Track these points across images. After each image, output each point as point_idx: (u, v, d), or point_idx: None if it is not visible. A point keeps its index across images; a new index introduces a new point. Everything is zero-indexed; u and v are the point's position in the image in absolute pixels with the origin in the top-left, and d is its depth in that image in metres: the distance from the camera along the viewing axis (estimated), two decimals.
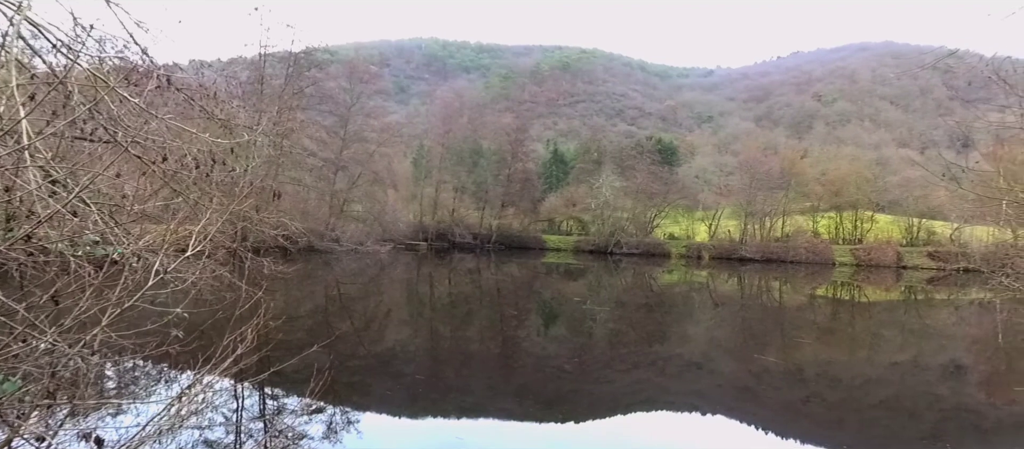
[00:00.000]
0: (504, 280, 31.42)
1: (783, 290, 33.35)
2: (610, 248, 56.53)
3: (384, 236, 40.98)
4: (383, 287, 25.53)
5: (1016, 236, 14.34)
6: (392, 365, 10.98)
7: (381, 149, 43.68)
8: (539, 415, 8.57)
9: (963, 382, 12.56)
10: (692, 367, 12.61)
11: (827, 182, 61.33)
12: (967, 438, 8.97)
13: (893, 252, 53.29)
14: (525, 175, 61.09)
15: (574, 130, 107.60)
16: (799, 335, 18.00)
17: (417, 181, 59.20)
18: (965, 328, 19.92)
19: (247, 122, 7.05)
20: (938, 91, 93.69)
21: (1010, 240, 16.24)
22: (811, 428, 9.15)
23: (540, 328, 16.99)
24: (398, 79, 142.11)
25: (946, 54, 5.30)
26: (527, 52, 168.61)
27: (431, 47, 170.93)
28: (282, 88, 34.23)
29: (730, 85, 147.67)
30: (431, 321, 17.20)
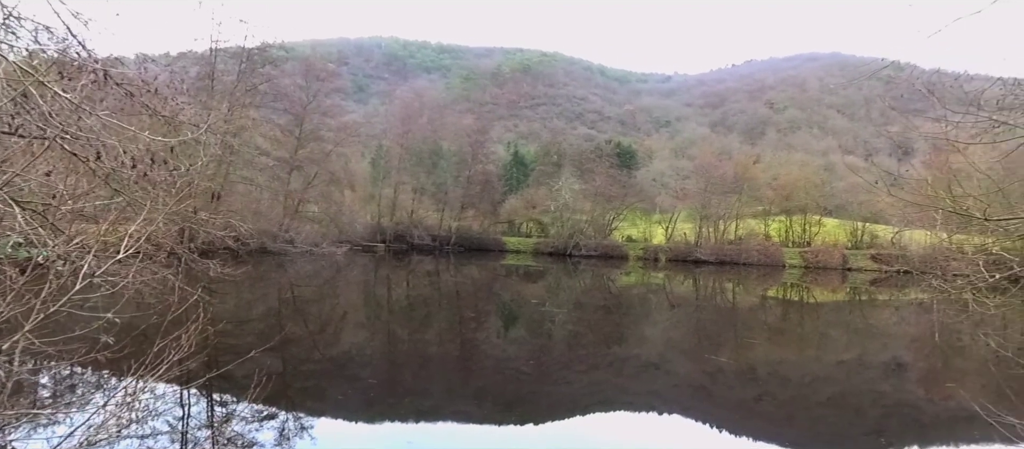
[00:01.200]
0: (463, 282, 31.23)
1: (736, 291, 34.27)
2: (569, 250, 56.97)
3: (340, 237, 40.14)
4: (339, 289, 24.99)
5: (950, 240, 15.08)
6: (348, 369, 10.71)
7: (338, 149, 42.77)
8: (498, 417, 8.50)
9: (903, 379, 13.14)
10: (649, 367, 12.77)
11: (778, 187, 63.44)
12: (907, 433, 9.36)
13: (839, 255, 55.56)
14: (485, 177, 60.95)
15: (534, 132, 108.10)
16: (751, 335, 18.50)
17: (375, 182, 58.26)
18: (905, 327, 20.88)
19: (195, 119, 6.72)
20: (881, 101, 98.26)
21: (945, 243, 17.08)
22: (763, 426, 9.37)
23: (499, 330, 16.93)
24: (357, 78, 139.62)
25: (883, 66, 5.49)
26: (488, 54, 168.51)
27: (391, 46, 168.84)
28: (234, 85, 33.11)
29: (687, 91, 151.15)
30: (388, 324, 16.90)
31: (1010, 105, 4.63)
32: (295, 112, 39.66)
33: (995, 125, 4.56)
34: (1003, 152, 4.90)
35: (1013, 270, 4.74)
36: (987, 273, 4.75)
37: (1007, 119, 4.52)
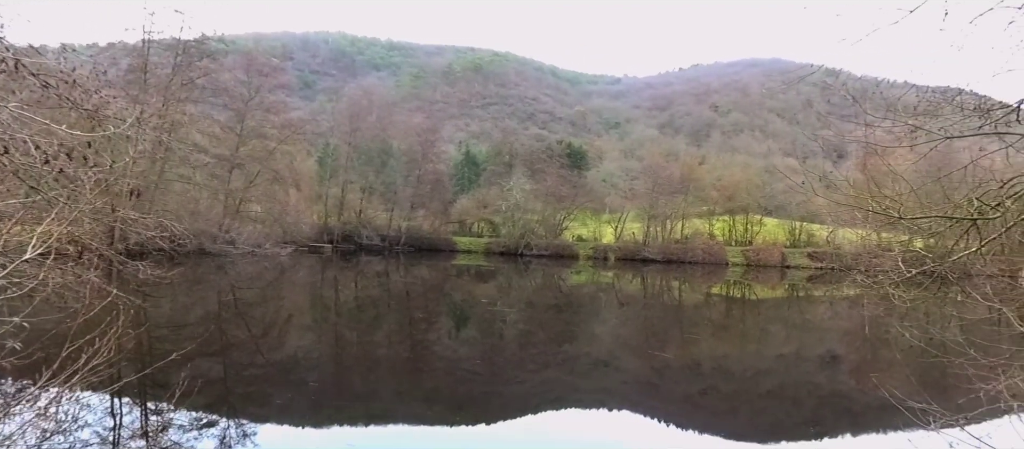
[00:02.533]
0: (414, 283, 30.80)
1: (682, 289, 35.21)
2: (520, 250, 57.15)
3: (285, 238, 38.82)
4: (283, 291, 24.16)
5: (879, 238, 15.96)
6: (293, 373, 10.31)
7: (282, 147, 41.36)
8: (449, 418, 8.36)
9: (837, 371, 13.78)
10: (599, 365, 12.90)
11: (722, 187, 65.66)
12: (840, 421, 9.80)
13: (779, 253, 58.02)
14: (436, 176, 60.35)
15: (486, 132, 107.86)
16: (697, 332, 19.01)
17: (322, 181, 56.73)
18: (838, 322, 21.93)
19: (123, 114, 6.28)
20: (817, 106, 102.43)
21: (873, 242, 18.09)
22: (708, 418, 9.62)
23: (451, 330, 16.74)
24: (302, 74, 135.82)
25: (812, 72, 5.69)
26: (439, 52, 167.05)
27: (338, 42, 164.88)
28: (169, 78, 31.46)
29: (636, 93, 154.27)
30: (336, 326, 16.43)
31: (925, 111, 4.87)
32: (236, 108, 38.09)
33: (912, 130, 4.77)
34: (919, 155, 5.16)
35: (927, 265, 4.98)
36: (905, 268, 4.97)
37: (922, 124, 4.74)
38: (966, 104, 4.52)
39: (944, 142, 4.60)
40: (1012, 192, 4.23)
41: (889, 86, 5.60)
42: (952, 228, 4.86)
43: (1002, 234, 4.40)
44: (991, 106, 4.38)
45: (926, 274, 5.05)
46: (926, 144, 4.83)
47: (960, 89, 4.70)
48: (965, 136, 4.66)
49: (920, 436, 5.31)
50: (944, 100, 4.77)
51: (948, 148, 5.51)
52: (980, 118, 4.37)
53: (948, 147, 5.66)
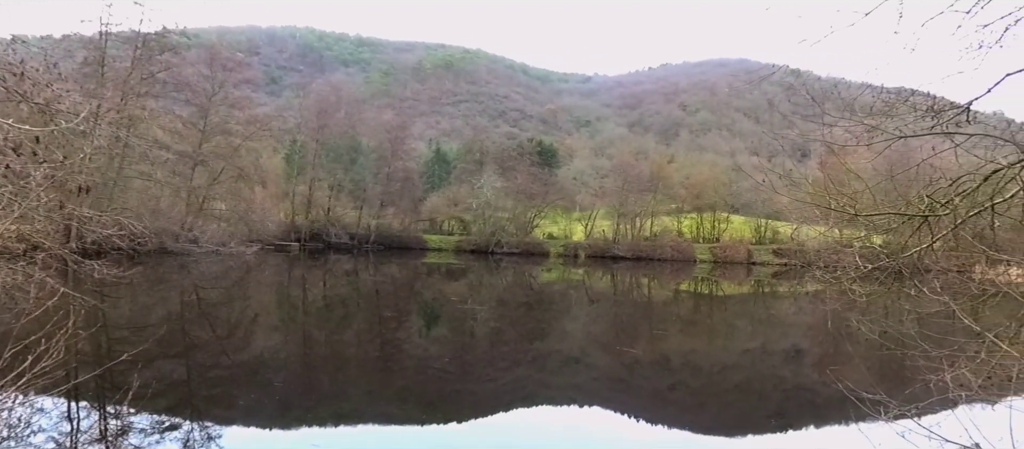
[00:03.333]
0: (383, 281, 30.49)
1: (652, 286, 35.69)
2: (491, 248, 57.12)
3: (251, 237, 37.97)
4: (249, 291, 23.64)
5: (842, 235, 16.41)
6: (260, 374, 10.10)
7: (248, 143, 40.43)
8: (421, 417, 8.30)
9: (801, 364, 14.15)
10: (570, 362, 12.97)
11: (690, 186, 66.78)
12: (804, 413, 10.07)
13: (745, 250, 59.33)
14: (406, 174, 59.83)
15: (457, 130, 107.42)
16: (666, 328, 19.30)
17: (289, 178, 55.67)
18: (802, 317, 22.52)
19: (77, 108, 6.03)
20: (783, 106, 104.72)
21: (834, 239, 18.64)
22: (677, 413, 9.77)
23: (421, 329, 16.63)
24: (269, 69, 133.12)
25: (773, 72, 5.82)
26: (409, 48, 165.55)
27: (306, 37, 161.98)
28: (128, 72, 30.41)
29: (606, 92, 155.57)
30: (304, 325, 16.15)
31: (881, 111, 5.03)
32: (199, 103, 37.08)
33: (869, 129, 4.91)
34: (875, 154, 5.32)
35: (882, 261, 5.14)
36: (862, 264, 5.12)
37: (879, 124, 4.89)
38: (920, 105, 4.68)
39: (899, 141, 4.76)
40: (960, 190, 4.40)
41: (847, 86, 5.76)
42: (904, 225, 5.03)
43: (952, 230, 4.57)
44: (943, 107, 4.55)
45: (881, 270, 5.21)
46: (881, 143, 4.98)
47: (912, 90, 4.87)
48: (917, 136, 4.82)
49: (877, 427, 5.48)
50: (899, 101, 4.93)
51: (906, 147, 5.70)
52: (933, 118, 4.53)
53: (906, 146, 5.84)
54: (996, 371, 3.65)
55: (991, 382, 3.64)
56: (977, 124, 4.52)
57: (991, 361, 3.64)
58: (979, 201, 4.27)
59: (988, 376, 3.65)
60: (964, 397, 3.97)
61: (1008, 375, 3.66)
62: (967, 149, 4.81)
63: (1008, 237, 5.31)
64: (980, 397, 3.73)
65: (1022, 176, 4.05)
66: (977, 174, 4.33)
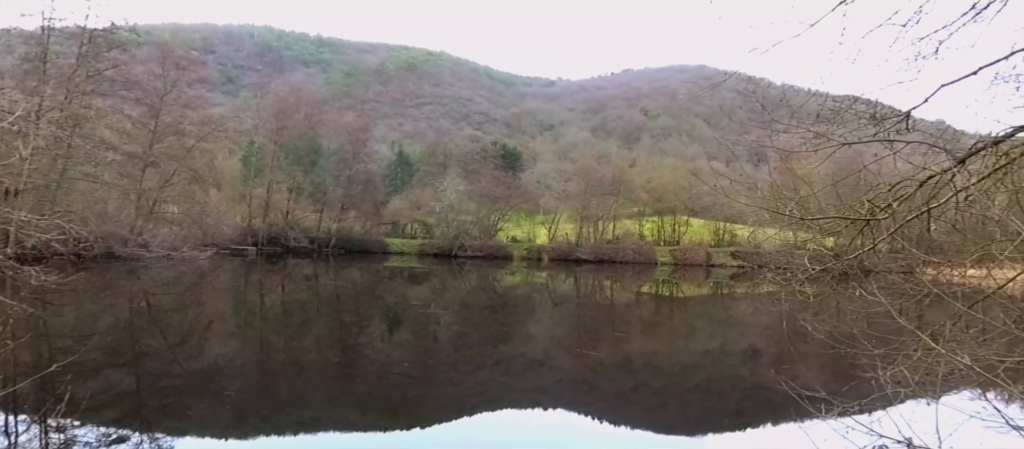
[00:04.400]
0: (344, 285, 29.98)
1: (614, 288, 36.15)
2: (454, 251, 56.88)
3: (205, 241, 36.81)
4: (203, 297, 22.89)
5: (796, 238, 17.02)
6: (215, 382, 9.77)
7: (202, 144, 39.19)
8: (383, 423, 8.19)
9: (758, 364, 14.55)
10: (534, 364, 13.02)
11: (651, 189, 68.02)
12: (761, 411, 10.35)
13: (704, 252, 60.74)
14: (367, 176, 59.04)
15: (420, 132, 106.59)
16: (628, 330, 19.58)
17: (246, 181, 54.20)
18: (759, 317, 23.16)
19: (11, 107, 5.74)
20: (738, 113, 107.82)
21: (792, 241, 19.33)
22: (639, 413, 9.91)
23: (383, 334, 16.42)
24: (225, 68, 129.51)
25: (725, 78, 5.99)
26: (371, 49, 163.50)
27: (265, 36, 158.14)
28: (73, 69, 29.09)
29: (570, 96, 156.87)
30: (262, 332, 15.73)
31: (827, 118, 5.22)
32: (150, 103, 35.74)
33: (816, 136, 5.09)
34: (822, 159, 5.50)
35: (828, 263, 5.34)
36: (810, 266, 5.30)
37: (827, 131, 5.07)
38: (863, 112, 4.89)
39: (850, 147, 4.97)
40: (899, 195, 4.61)
41: (796, 94, 5.97)
42: (848, 228, 5.25)
43: (891, 234, 4.79)
44: (885, 114, 4.77)
45: (828, 271, 5.40)
46: (827, 149, 5.16)
47: (855, 98, 5.09)
48: (860, 142, 5.04)
49: (824, 424, 5.68)
50: (843, 108, 5.14)
51: (857, 153, 5.94)
52: (875, 126, 4.74)
53: (857, 152, 6.08)
54: (932, 369, 3.85)
55: (928, 379, 3.84)
56: (917, 132, 4.75)
57: (927, 359, 3.83)
58: (916, 206, 4.49)
59: (926, 373, 3.85)
60: (902, 394, 4.16)
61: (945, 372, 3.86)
62: (905, 156, 5.06)
63: (951, 240, 5.56)
64: (916, 394, 3.93)
65: (955, 182, 4.28)
66: (913, 180, 4.55)
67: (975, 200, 4.26)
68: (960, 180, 4.25)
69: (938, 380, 3.84)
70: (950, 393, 4.61)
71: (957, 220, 4.81)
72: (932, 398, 4.08)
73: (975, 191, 4.19)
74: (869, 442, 4.24)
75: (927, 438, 4.09)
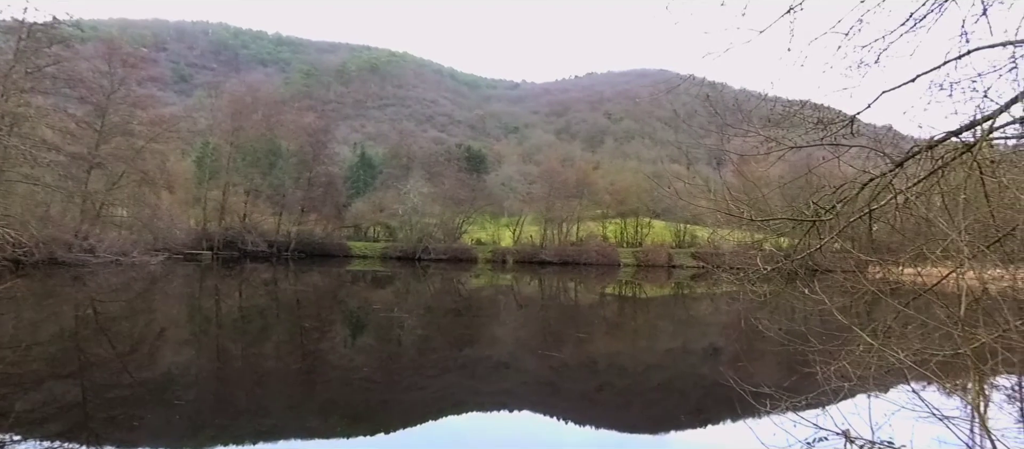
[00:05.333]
0: (305, 290, 29.37)
1: (578, 290, 36.48)
2: (418, 254, 56.43)
3: (156, 245, 35.55)
4: (155, 303, 22.07)
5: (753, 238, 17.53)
6: (169, 391, 9.43)
7: (152, 145, 37.79)
8: (346, 430, 8.05)
9: (718, 362, 14.89)
10: (500, 367, 13.02)
11: (614, 191, 68.96)
12: (721, 408, 10.60)
13: (666, 253, 61.91)
14: (329, 179, 58.05)
15: (383, 134, 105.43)
16: (592, 330, 19.79)
17: (201, 183, 52.56)
18: (719, 316, 23.74)
19: None
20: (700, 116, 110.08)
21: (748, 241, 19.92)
22: (604, 413, 10.03)
23: (346, 339, 16.16)
24: (177, 66, 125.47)
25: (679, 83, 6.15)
26: (333, 49, 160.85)
27: (220, 34, 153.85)
28: (10, 65, 27.65)
29: (534, 99, 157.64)
30: (218, 339, 15.27)
31: (776, 121, 5.42)
32: (96, 102, 34.30)
33: (766, 140, 5.27)
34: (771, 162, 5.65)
35: (780, 263, 5.53)
36: (762, 266, 5.48)
37: (778, 136, 5.26)
38: (812, 117, 5.10)
39: (800, 151, 5.17)
40: (842, 197, 4.83)
41: (749, 98, 6.15)
42: (796, 229, 5.45)
43: (836, 234, 5.00)
44: (832, 119, 4.98)
45: (779, 271, 5.58)
46: (778, 152, 5.33)
47: (803, 103, 5.30)
48: (807, 146, 5.24)
49: (773, 419, 5.86)
50: (792, 112, 5.34)
51: (810, 156, 6.14)
52: (823, 130, 4.95)
53: (810, 155, 6.30)
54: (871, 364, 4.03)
55: (868, 373, 4.02)
56: (862, 136, 4.97)
57: (867, 355, 4.02)
58: (859, 207, 4.70)
59: (867, 367, 4.03)
60: (845, 389, 4.35)
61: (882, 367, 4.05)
62: (852, 159, 5.29)
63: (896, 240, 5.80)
64: (858, 388, 4.13)
65: (894, 185, 4.50)
66: (856, 183, 4.76)
67: (912, 202, 4.48)
68: (899, 183, 4.47)
69: (871, 374, 4.03)
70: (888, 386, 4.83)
71: (896, 221, 5.05)
72: (870, 392, 4.29)
73: (913, 193, 4.41)
74: (812, 435, 4.42)
75: (864, 430, 4.28)
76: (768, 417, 5.25)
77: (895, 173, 4.44)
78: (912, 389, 4.28)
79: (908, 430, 4.20)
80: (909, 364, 3.79)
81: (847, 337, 4.40)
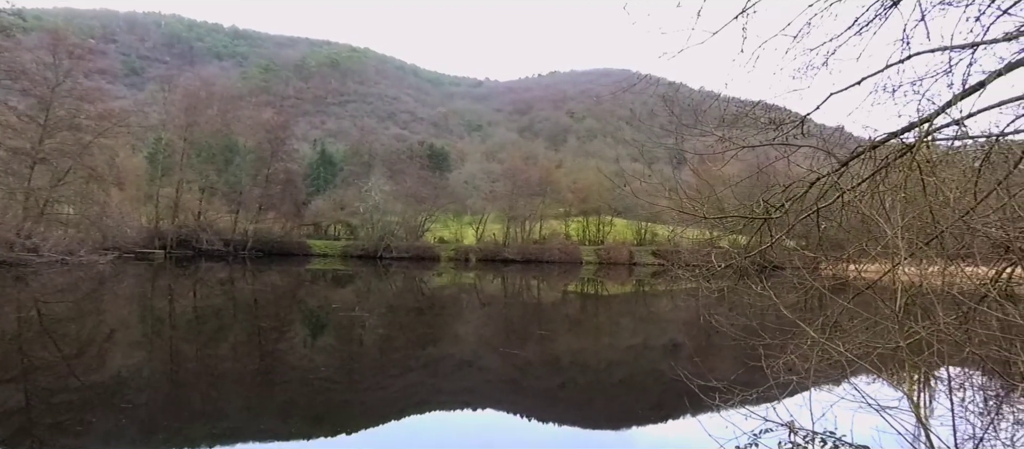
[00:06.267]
0: (263, 290, 28.67)
1: (541, 288, 36.71)
2: (380, 253, 55.80)
3: (105, 244, 34.13)
4: (104, 304, 21.20)
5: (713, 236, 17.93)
6: (120, 395, 9.10)
7: (101, 140, 36.25)
8: (306, 431, 7.93)
9: (678, 357, 15.25)
10: (463, 365, 13.02)
11: (577, 190, 69.62)
12: (680, 402, 10.87)
13: (627, 251, 62.87)
14: (288, 176, 56.80)
15: (344, 131, 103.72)
16: (555, 328, 19.96)
17: (153, 180, 50.71)
18: (679, 313, 24.27)
19: None
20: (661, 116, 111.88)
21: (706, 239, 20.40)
22: (567, 410, 10.16)
23: (306, 339, 15.87)
24: (128, 59, 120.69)
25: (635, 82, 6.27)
26: (292, 44, 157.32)
27: (173, 26, 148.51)
28: None
29: (497, 97, 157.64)
30: (172, 340, 14.78)
31: (729, 121, 5.59)
32: (39, 94, 32.72)
33: (721, 139, 5.43)
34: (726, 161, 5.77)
35: (733, 260, 5.70)
36: (717, 263, 5.64)
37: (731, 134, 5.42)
38: (763, 117, 5.27)
39: (755, 150, 5.36)
40: (791, 195, 5.02)
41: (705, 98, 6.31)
42: (747, 227, 5.64)
43: (786, 232, 5.20)
44: (783, 120, 5.17)
45: (734, 268, 5.75)
46: (731, 152, 5.48)
47: (755, 103, 5.48)
48: (759, 146, 5.42)
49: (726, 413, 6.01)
50: (744, 113, 5.51)
51: (767, 156, 6.33)
52: (775, 130, 5.13)
53: (767, 155, 6.50)
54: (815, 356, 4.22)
55: (814, 367, 4.20)
56: (812, 136, 5.18)
57: (814, 349, 4.20)
58: (807, 206, 4.90)
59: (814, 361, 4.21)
60: (794, 381, 4.54)
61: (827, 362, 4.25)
62: (803, 159, 5.50)
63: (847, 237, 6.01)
64: (805, 380, 4.31)
65: (840, 184, 4.70)
66: (804, 182, 4.96)
67: (856, 201, 4.69)
68: (844, 182, 4.68)
69: (814, 368, 4.22)
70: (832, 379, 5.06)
71: (842, 219, 5.28)
72: (816, 385, 4.49)
73: (858, 193, 4.62)
74: (760, 426, 4.59)
75: (808, 421, 4.48)
76: (720, 412, 5.42)
77: (841, 173, 4.65)
78: (850, 381, 4.49)
79: (846, 419, 4.41)
80: (849, 357, 3.98)
81: (796, 332, 4.58)
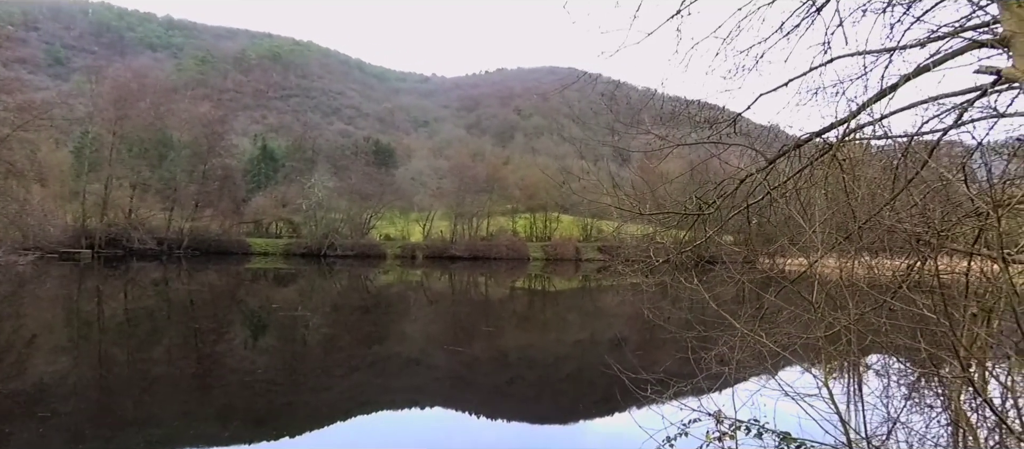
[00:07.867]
0: (200, 290, 27.52)
1: (489, 285, 36.80)
2: (324, 250, 54.54)
3: (25, 244, 31.99)
4: (24, 308, 19.84)
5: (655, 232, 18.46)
6: (42, 404, 8.57)
7: (20, 133, 33.82)
8: (247, 435, 7.71)
9: (623, 352, 15.63)
10: (411, 364, 12.94)
11: (524, 187, 70.07)
12: (627, 396, 11.13)
13: (573, 248, 63.83)
14: (226, 172, 54.66)
15: (286, 126, 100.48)
16: (503, 324, 20.09)
17: (79, 176, 47.72)
18: (625, 308, 24.84)
19: None
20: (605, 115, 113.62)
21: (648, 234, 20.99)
22: (515, 406, 10.27)
23: (246, 340, 15.37)
24: (52, 48, 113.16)
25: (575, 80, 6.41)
26: (230, 35, 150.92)
27: (102, 14, 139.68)
28: None
29: (445, 93, 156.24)
30: (100, 345, 14.01)
31: (665, 120, 5.79)
32: None
33: (658, 137, 5.63)
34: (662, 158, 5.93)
35: (670, 255, 5.92)
36: (654, 257, 5.84)
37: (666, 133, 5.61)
38: (698, 116, 5.50)
39: (693, 148, 5.60)
40: (723, 192, 5.28)
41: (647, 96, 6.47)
42: (681, 223, 5.87)
43: (719, 228, 5.46)
44: (718, 118, 5.42)
45: (671, 263, 5.95)
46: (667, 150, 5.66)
47: (688, 102, 5.71)
48: (693, 143, 5.65)
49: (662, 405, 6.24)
50: (678, 112, 5.73)
51: (708, 154, 6.57)
52: (709, 128, 5.37)
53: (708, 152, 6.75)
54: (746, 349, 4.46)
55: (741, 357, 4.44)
56: (744, 135, 5.44)
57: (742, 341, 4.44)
58: (738, 202, 5.16)
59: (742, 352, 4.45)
60: (725, 373, 4.78)
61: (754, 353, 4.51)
62: (733, 158, 5.77)
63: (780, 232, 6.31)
64: (735, 373, 4.55)
65: (768, 181, 4.98)
66: (734, 179, 5.22)
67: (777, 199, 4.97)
68: (772, 179, 4.95)
69: (738, 358, 4.46)
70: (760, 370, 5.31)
71: (771, 215, 5.58)
72: (743, 375, 4.73)
73: (785, 189, 4.91)
74: (690, 416, 4.80)
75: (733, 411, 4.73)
76: (653, 405, 5.62)
77: (768, 170, 4.91)
78: (772, 372, 4.76)
79: (769, 407, 4.68)
80: (772, 348, 4.21)
81: (728, 325, 4.80)
